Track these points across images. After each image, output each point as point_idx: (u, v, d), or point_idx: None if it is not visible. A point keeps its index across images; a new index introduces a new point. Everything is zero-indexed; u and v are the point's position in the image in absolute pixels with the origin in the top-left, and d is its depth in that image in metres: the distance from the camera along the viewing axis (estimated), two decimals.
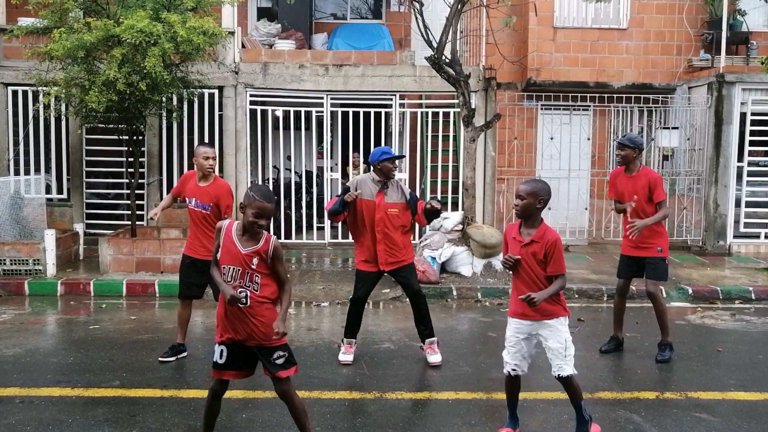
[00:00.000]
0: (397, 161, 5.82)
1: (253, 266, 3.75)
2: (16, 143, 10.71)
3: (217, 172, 5.93)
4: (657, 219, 5.81)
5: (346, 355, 5.75)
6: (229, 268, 3.77)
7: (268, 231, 3.89)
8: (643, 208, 5.85)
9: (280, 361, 3.85)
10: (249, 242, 3.78)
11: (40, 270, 8.47)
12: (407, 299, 8.03)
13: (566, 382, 4.16)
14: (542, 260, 4.04)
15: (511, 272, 4.16)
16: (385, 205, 5.61)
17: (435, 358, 5.70)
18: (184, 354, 5.85)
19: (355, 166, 11.39)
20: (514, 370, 4.17)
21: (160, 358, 5.75)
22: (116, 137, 9.79)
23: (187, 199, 5.79)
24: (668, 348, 5.97)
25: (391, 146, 11.78)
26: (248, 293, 3.76)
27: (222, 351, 3.85)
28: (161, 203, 6.12)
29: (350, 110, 10.91)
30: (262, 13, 12.94)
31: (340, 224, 11.23)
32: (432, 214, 5.68)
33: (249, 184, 11.03)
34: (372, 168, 5.71)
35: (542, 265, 4.05)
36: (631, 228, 5.72)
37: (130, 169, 10.21)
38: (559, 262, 4.04)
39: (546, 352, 4.18)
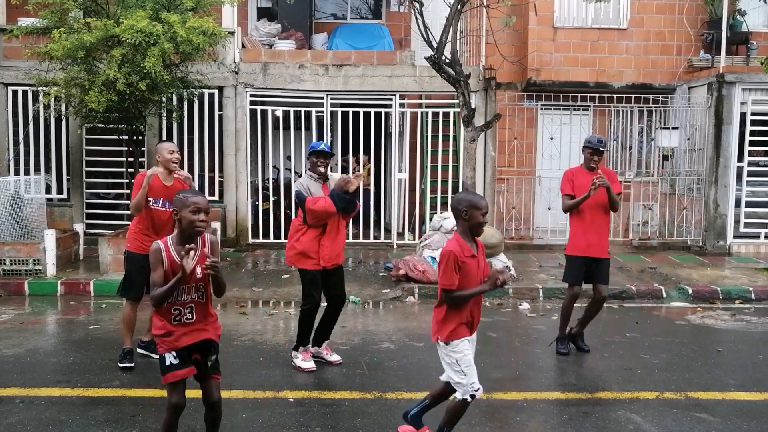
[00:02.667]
0: (325, 159, 5.53)
1: (198, 276, 3.55)
2: (16, 143, 10.71)
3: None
4: (616, 201, 5.89)
5: (307, 362, 5.53)
6: (177, 289, 3.54)
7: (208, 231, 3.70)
8: (601, 201, 5.89)
9: (212, 364, 3.73)
10: (190, 252, 3.52)
11: (40, 270, 8.47)
12: (407, 299, 8.07)
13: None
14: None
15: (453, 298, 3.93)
16: None
17: (335, 357, 5.72)
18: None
19: (364, 166, 11.43)
20: (477, 390, 3.92)
21: (120, 364, 5.55)
22: (116, 137, 9.80)
23: (152, 200, 5.57)
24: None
25: (391, 146, 11.80)
26: (194, 307, 3.61)
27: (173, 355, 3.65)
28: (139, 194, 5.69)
29: (350, 110, 10.91)
30: (262, 13, 12.94)
31: None
32: (341, 197, 5.37)
33: (249, 184, 11.04)
34: (308, 167, 5.65)
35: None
36: (597, 179, 5.70)
37: (130, 169, 10.21)
38: (443, 274, 3.95)
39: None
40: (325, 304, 5.71)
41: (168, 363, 3.63)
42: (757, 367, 5.80)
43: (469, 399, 3.91)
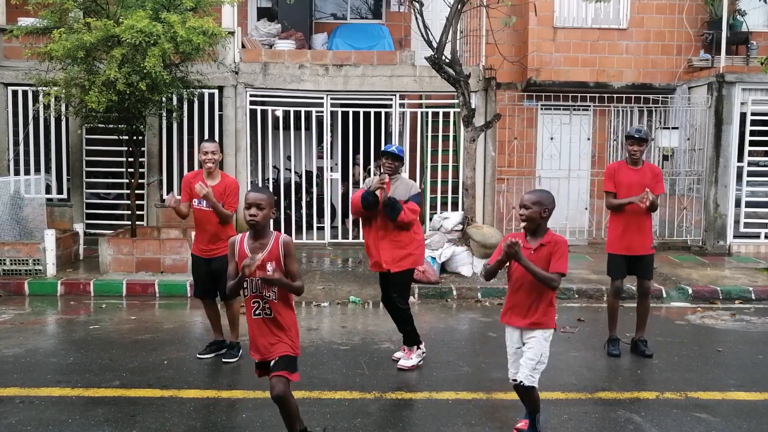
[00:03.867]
0: (388, 159, 5.61)
1: (267, 272, 3.69)
2: (16, 143, 10.71)
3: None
4: (656, 205, 5.81)
5: (405, 361, 5.63)
6: (250, 281, 3.72)
7: (278, 230, 3.87)
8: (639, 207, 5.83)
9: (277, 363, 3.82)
10: (261, 249, 3.73)
11: (40, 270, 8.47)
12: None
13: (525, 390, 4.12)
14: (548, 263, 4.00)
15: (503, 279, 4.13)
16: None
17: (406, 362, 5.65)
18: (224, 351, 5.81)
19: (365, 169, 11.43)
20: (514, 380, 4.11)
21: (198, 355, 5.79)
22: (116, 137, 9.79)
23: (195, 200, 5.68)
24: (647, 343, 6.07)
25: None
26: (271, 304, 3.75)
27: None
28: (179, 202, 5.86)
29: (350, 110, 10.91)
30: (262, 13, 12.94)
31: (340, 224, 11.31)
32: (387, 205, 5.45)
33: (249, 185, 11.04)
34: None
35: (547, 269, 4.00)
36: (646, 197, 5.64)
37: (130, 169, 10.21)
38: (563, 260, 3.99)
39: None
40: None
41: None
42: (757, 367, 5.80)
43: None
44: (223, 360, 5.67)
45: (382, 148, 5.69)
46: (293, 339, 3.83)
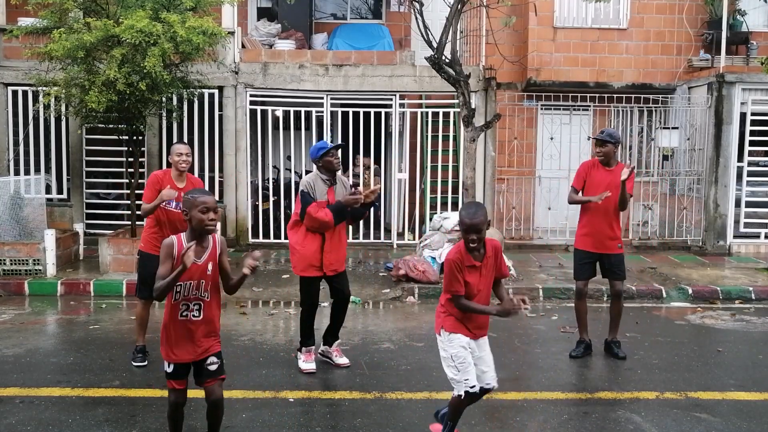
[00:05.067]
0: (338, 152, 5.56)
1: (208, 273, 3.66)
2: (16, 143, 10.71)
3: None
4: (626, 200, 5.79)
5: (307, 364, 5.53)
6: (185, 284, 3.61)
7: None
8: (611, 205, 5.82)
9: (213, 368, 3.76)
10: (201, 251, 3.65)
11: (40, 270, 8.47)
12: (407, 299, 8.07)
13: (487, 392, 4.07)
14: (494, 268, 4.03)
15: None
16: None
17: (346, 360, 5.69)
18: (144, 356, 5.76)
19: (366, 168, 11.42)
20: (473, 386, 3.95)
21: (134, 363, 5.65)
22: (116, 137, 9.79)
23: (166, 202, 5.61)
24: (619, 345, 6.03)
25: (391, 146, 11.80)
26: (201, 305, 3.68)
27: (169, 364, 3.79)
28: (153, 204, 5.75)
29: (350, 110, 10.91)
30: (262, 13, 12.94)
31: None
32: (341, 212, 5.39)
33: (249, 184, 11.04)
34: (315, 167, 5.52)
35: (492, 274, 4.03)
36: (629, 167, 5.69)
37: (130, 169, 10.21)
38: (504, 262, 4.09)
39: (477, 366, 4.02)
40: (327, 303, 5.72)
41: (167, 370, 3.79)
42: (757, 367, 5.80)
43: (463, 395, 3.95)
44: (139, 364, 5.62)
45: (324, 146, 5.51)
46: (218, 330, 3.83)
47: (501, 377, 4.36)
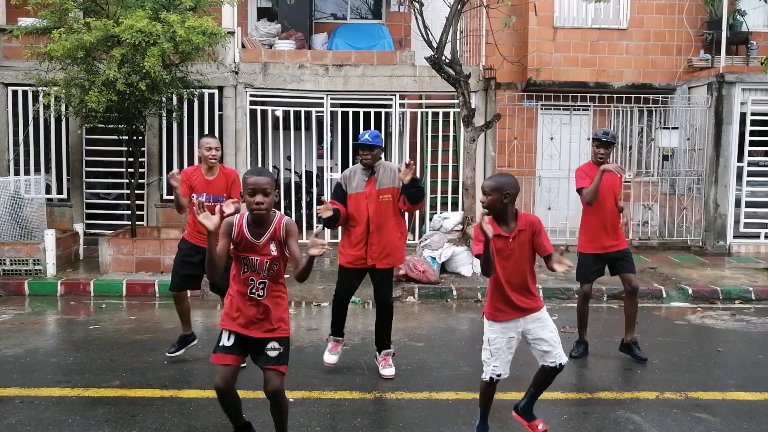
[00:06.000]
0: (372, 149, 5.24)
1: (273, 253, 3.66)
2: (16, 143, 10.70)
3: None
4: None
5: (330, 355, 5.51)
6: (250, 259, 3.65)
7: (278, 210, 3.77)
8: (612, 204, 5.83)
9: (272, 354, 3.71)
10: (262, 230, 3.67)
11: (40, 270, 8.47)
12: (407, 299, 8.07)
13: (560, 371, 4.10)
14: (530, 244, 3.98)
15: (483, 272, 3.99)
16: (376, 193, 5.24)
17: (388, 371, 5.38)
18: (194, 342, 5.82)
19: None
20: (499, 375, 4.06)
21: (167, 353, 5.70)
22: (116, 137, 9.79)
23: (195, 195, 5.59)
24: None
25: (391, 146, 11.79)
26: (267, 283, 3.69)
27: (230, 335, 3.72)
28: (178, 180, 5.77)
29: (350, 110, 10.90)
30: (262, 13, 12.94)
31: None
32: (410, 186, 5.10)
33: None
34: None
35: (532, 253, 4.00)
36: (626, 226, 5.74)
37: (130, 169, 10.21)
38: (548, 240, 4.00)
39: (535, 347, 4.08)
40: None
41: (221, 343, 3.73)
42: (757, 367, 5.80)
43: (488, 380, 4.07)
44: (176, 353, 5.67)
45: (360, 138, 5.31)
46: (287, 320, 3.79)
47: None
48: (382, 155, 5.44)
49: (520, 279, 4.01)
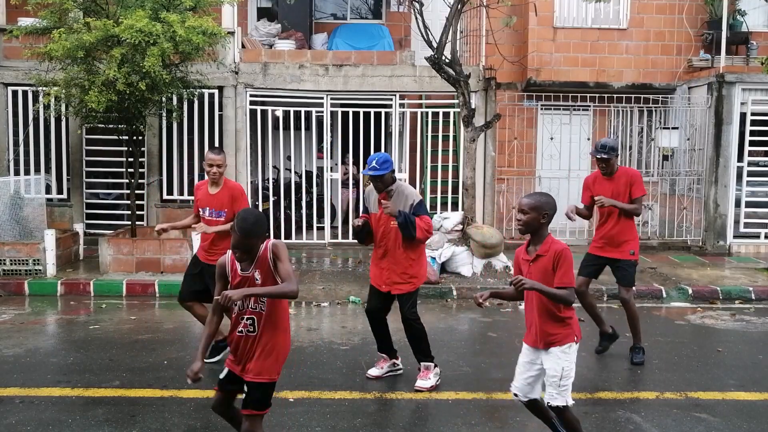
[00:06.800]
0: (380, 178, 5.05)
1: (257, 283, 3.47)
2: (16, 143, 10.70)
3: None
4: (628, 207, 5.76)
5: (374, 368, 5.42)
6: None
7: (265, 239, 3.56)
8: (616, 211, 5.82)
9: (244, 397, 3.58)
10: (249, 262, 3.50)
11: (40, 270, 8.47)
12: None
13: (557, 412, 3.81)
14: (552, 274, 3.68)
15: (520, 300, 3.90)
16: (385, 218, 5.09)
17: (421, 383, 5.18)
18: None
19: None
20: (516, 395, 3.91)
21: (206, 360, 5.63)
22: (116, 137, 9.79)
23: (201, 209, 5.59)
24: (642, 351, 5.88)
25: (391, 146, 11.80)
26: (254, 319, 3.49)
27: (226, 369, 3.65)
28: (181, 222, 5.87)
29: (350, 110, 10.90)
30: (262, 13, 12.94)
31: (340, 224, 11.30)
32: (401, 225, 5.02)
33: (249, 184, 11.04)
34: None
35: (552, 280, 3.69)
36: (599, 200, 5.67)
37: (130, 169, 10.21)
38: (567, 273, 3.66)
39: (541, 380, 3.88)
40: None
41: (221, 375, 3.69)
42: (757, 367, 5.80)
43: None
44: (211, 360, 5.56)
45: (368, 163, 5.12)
46: (277, 360, 3.56)
47: (501, 377, 4.36)
48: (395, 176, 5.26)
49: (536, 308, 3.75)
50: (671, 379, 5.44)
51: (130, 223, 9.46)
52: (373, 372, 5.41)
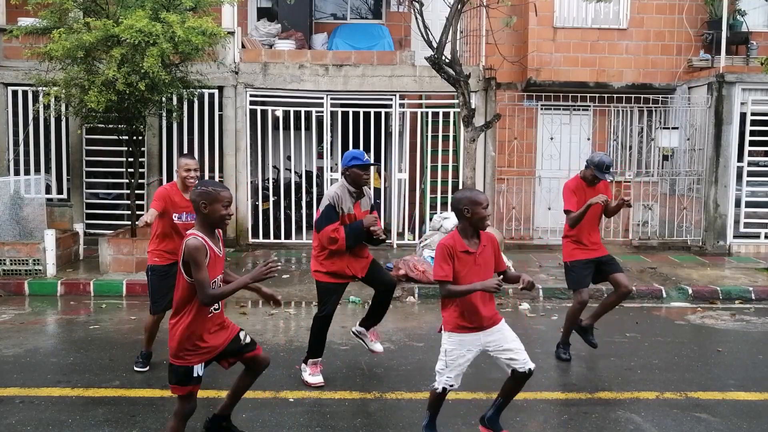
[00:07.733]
0: (369, 169, 5.20)
1: (228, 262, 3.75)
2: (16, 143, 10.71)
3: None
4: (612, 211, 5.92)
5: (314, 377, 5.21)
6: (216, 281, 3.64)
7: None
8: (599, 212, 5.86)
9: (249, 339, 3.97)
10: (218, 241, 3.72)
11: (40, 270, 8.47)
12: (407, 299, 8.07)
13: (530, 376, 4.08)
14: (493, 261, 4.10)
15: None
16: (363, 216, 5.21)
17: (380, 347, 5.67)
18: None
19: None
20: (452, 386, 4.07)
21: (136, 368, 5.55)
22: (116, 137, 9.79)
23: (175, 215, 5.47)
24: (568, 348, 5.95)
25: (391, 146, 11.80)
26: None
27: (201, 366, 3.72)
28: (148, 216, 5.56)
29: (350, 110, 10.90)
30: (262, 13, 12.94)
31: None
32: (359, 235, 5.13)
33: (249, 184, 11.04)
34: (342, 176, 5.21)
35: (493, 267, 4.09)
36: (628, 198, 5.75)
37: (130, 169, 10.21)
38: (502, 256, 4.20)
39: (501, 357, 4.05)
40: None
41: (195, 375, 3.69)
42: (757, 367, 5.80)
43: (440, 390, 4.06)
44: (140, 369, 5.53)
45: (359, 157, 5.13)
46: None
47: (501, 377, 4.36)
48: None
49: (484, 296, 4.00)
50: (671, 379, 5.44)
51: (130, 223, 9.46)
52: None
